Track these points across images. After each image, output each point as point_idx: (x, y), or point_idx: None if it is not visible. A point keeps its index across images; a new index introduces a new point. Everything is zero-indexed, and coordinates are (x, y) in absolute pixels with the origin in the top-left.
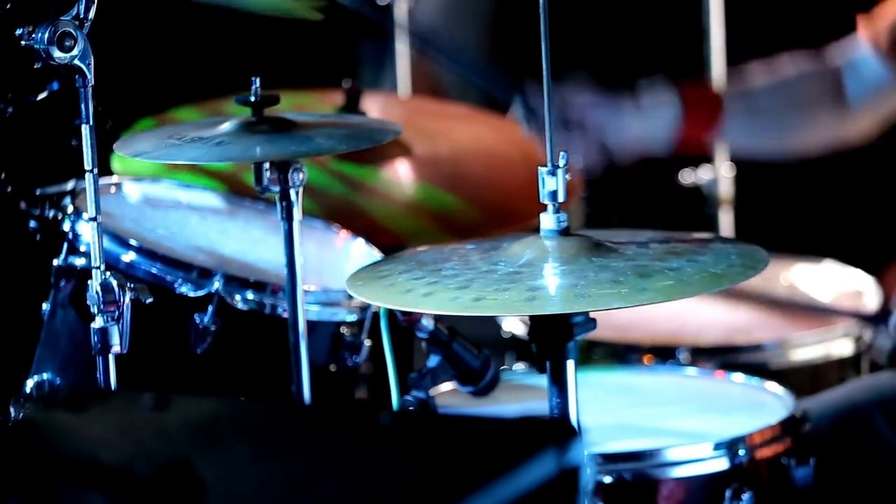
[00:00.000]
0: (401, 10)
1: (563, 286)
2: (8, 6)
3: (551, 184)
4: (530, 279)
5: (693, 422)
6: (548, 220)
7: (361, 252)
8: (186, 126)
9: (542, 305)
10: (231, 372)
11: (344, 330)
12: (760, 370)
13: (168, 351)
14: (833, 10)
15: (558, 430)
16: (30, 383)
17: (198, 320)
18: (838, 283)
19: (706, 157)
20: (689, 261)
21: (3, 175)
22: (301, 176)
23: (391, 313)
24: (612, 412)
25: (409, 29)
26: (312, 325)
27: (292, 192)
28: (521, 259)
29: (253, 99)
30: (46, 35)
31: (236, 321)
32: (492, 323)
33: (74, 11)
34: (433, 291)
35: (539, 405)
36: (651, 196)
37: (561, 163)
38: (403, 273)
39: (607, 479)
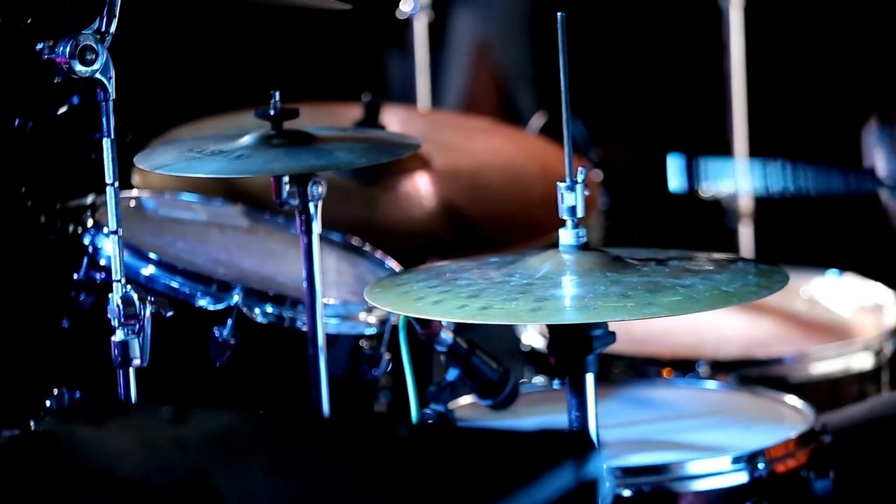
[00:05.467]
0: (421, 23)
1: (570, 298)
2: (29, 21)
3: (570, 199)
4: (540, 290)
5: (712, 435)
6: (567, 236)
7: (380, 265)
8: (207, 139)
9: (545, 316)
10: (250, 385)
11: (363, 343)
12: (780, 383)
13: (187, 364)
14: (852, 22)
15: (577, 443)
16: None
17: (217, 333)
18: (858, 296)
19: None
20: (704, 278)
21: (23, 189)
22: (320, 189)
23: (410, 326)
24: (631, 425)
25: None
26: (332, 339)
27: (311, 206)
28: (538, 272)
29: (272, 112)
30: (68, 49)
31: (256, 334)
32: (511, 336)
33: (95, 25)
34: (444, 299)
35: (558, 418)
36: (671, 209)
37: (579, 178)
38: (420, 282)
39: (627, 493)
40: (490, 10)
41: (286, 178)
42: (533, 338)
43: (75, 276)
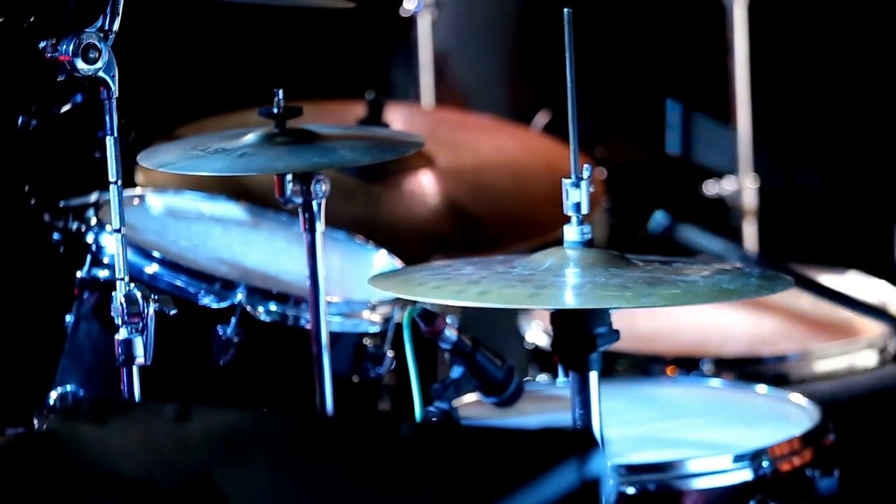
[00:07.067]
0: (424, 22)
1: (569, 286)
2: (31, 19)
3: (575, 196)
4: (541, 280)
5: (716, 433)
6: (571, 232)
7: (384, 263)
8: (210, 137)
9: (543, 301)
10: (254, 383)
11: (367, 341)
12: (784, 381)
13: (191, 363)
14: (856, 22)
15: (581, 441)
16: (53, 395)
17: (221, 332)
18: (862, 294)
19: (730, 169)
20: (706, 276)
21: (26, 187)
22: (324, 187)
23: (414, 324)
24: (635, 423)
25: None
26: (335, 337)
27: (315, 204)
28: (541, 266)
29: (276, 111)
30: (71, 47)
31: (259, 333)
32: (515, 334)
33: (99, 24)
34: (443, 285)
35: (562, 416)
36: (675, 207)
37: (585, 174)
38: (422, 271)
39: (631, 491)
40: (448, 20)
41: (289, 177)
42: (537, 335)
43: (79, 274)
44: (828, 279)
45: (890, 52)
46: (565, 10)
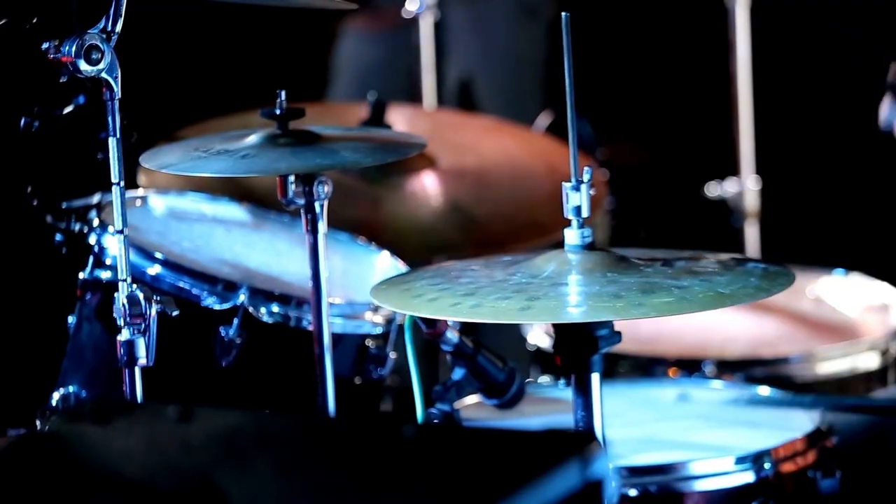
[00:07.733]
0: (426, 23)
1: (561, 298)
2: (34, 20)
3: (575, 199)
4: (535, 290)
5: (718, 435)
6: (572, 235)
7: (386, 265)
8: (213, 139)
9: (533, 315)
10: (256, 385)
11: (369, 342)
12: (786, 383)
13: (193, 364)
14: (857, 22)
15: (583, 442)
16: (56, 396)
17: (223, 333)
18: (865, 296)
19: (732, 170)
20: (704, 280)
21: (29, 189)
22: (326, 189)
23: (416, 325)
24: (637, 425)
25: None
26: (337, 338)
27: (317, 205)
28: (542, 272)
29: (278, 112)
30: (74, 48)
31: (261, 334)
32: (517, 336)
33: (101, 25)
34: (440, 297)
35: (564, 418)
36: (677, 209)
37: (585, 177)
38: (423, 280)
39: (633, 493)
40: (471, 44)
41: (292, 178)
42: (539, 337)
43: (81, 275)
44: (830, 281)
45: (891, 53)
46: (563, 13)
